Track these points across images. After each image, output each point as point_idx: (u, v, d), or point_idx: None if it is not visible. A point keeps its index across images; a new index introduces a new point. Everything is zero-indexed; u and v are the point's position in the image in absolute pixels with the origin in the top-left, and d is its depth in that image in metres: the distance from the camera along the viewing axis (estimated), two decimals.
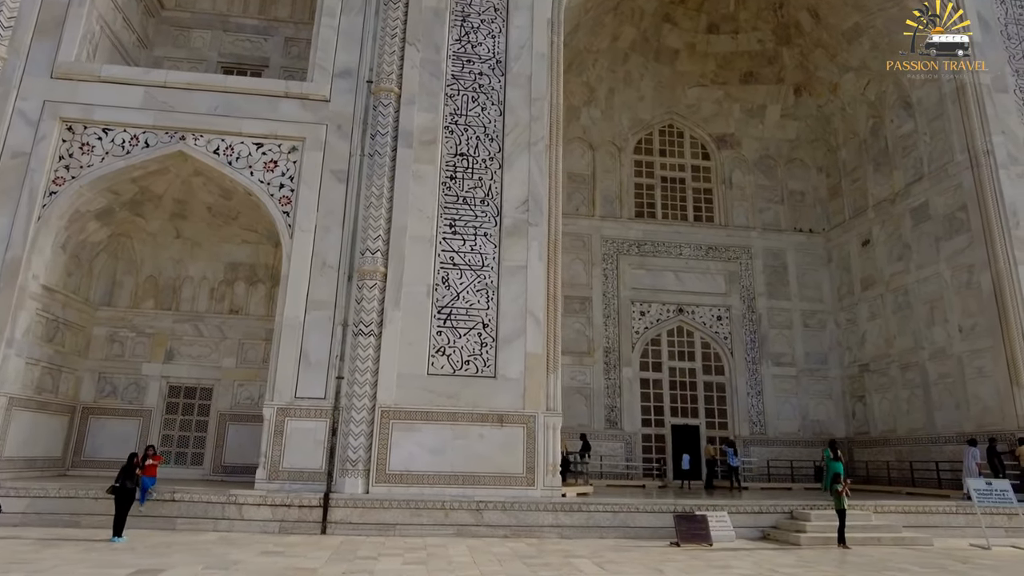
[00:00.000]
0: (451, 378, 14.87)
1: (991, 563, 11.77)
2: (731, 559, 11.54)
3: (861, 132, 23.84)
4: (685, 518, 13.43)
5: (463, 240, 15.77)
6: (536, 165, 16.42)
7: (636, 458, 22.36)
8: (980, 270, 18.59)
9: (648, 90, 25.29)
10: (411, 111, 16.34)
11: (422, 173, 15.97)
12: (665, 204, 25.12)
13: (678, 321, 23.84)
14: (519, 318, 15.34)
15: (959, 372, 19.17)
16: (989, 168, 18.69)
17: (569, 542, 13.25)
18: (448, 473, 14.32)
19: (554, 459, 14.80)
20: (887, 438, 21.70)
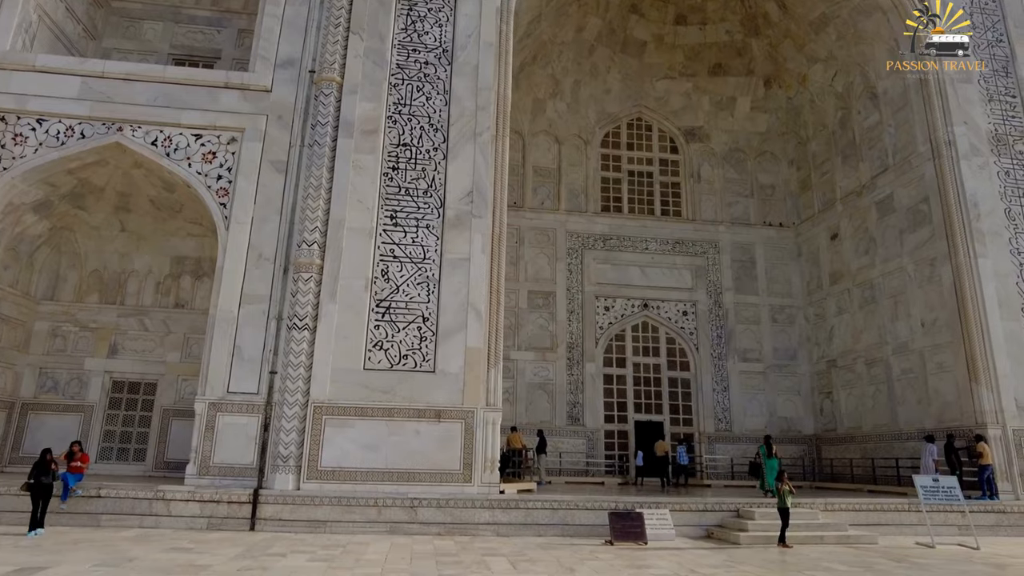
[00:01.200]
0: (388, 373, 14.57)
1: (925, 562, 11.42)
2: (656, 558, 11.21)
3: (830, 124, 23.46)
4: (620, 516, 13.09)
5: (404, 232, 15.46)
6: (481, 156, 16.10)
7: (598, 455, 22.04)
8: (941, 263, 18.21)
9: (615, 83, 24.95)
10: (353, 101, 16.03)
11: (363, 163, 15.66)
12: (632, 198, 24.77)
13: (643, 316, 23.50)
14: (460, 312, 15.03)
15: (921, 367, 18.80)
16: (950, 159, 18.30)
17: (503, 540, 12.94)
18: (382, 470, 14.02)
19: (493, 455, 14.47)
20: (853, 435, 21.33)
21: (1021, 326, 17.34)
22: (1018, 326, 17.31)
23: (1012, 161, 18.71)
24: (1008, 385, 16.77)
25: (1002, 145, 18.80)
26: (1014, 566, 11.23)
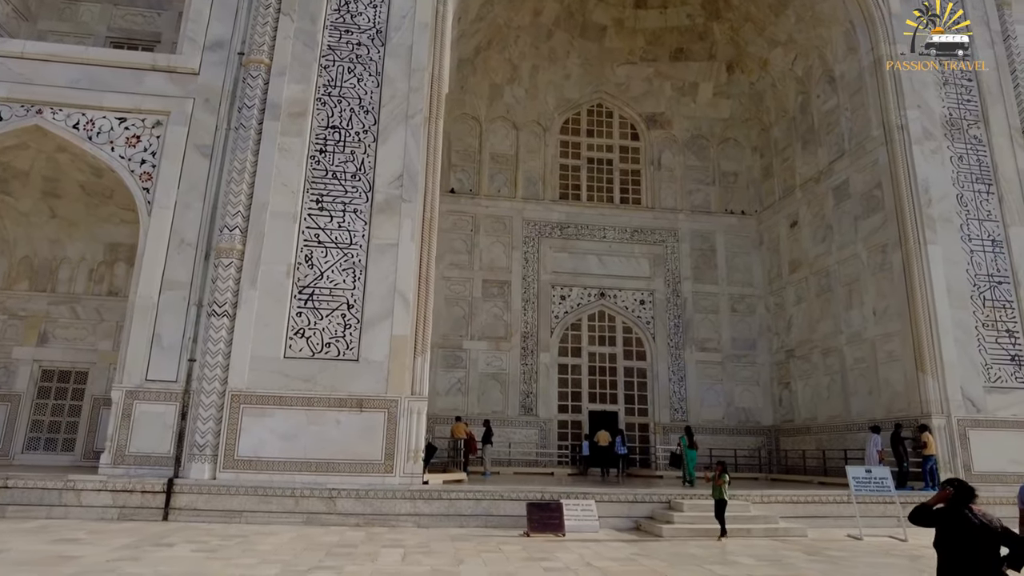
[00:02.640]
0: (310, 361, 14.23)
1: (841, 555, 11.09)
2: (562, 550, 10.89)
3: (791, 109, 23.00)
4: (538, 507, 12.77)
5: (331, 216, 15.10)
6: (413, 138, 15.70)
7: (551, 445, 21.73)
8: (892, 250, 17.81)
9: (575, 68, 24.49)
10: (281, 83, 15.64)
11: (289, 146, 15.29)
12: (591, 186, 24.36)
13: (599, 305, 23.13)
14: (387, 299, 14.67)
15: (872, 357, 18.43)
16: (903, 144, 17.86)
17: (420, 531, 12.63)
18: (300, 460, 13.70)
19: (417, 445, 14.15)
20: (808, 426, 20.98)
21: (970, 314, 16.95)
22: (966, 314, 16.91)
23: (966, 146, 18.26)
24: (954, 374, 16.39)
25: (956, 130, 18.34)
26: (928, 558, 10.86)
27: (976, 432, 16.17)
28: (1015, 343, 17.04)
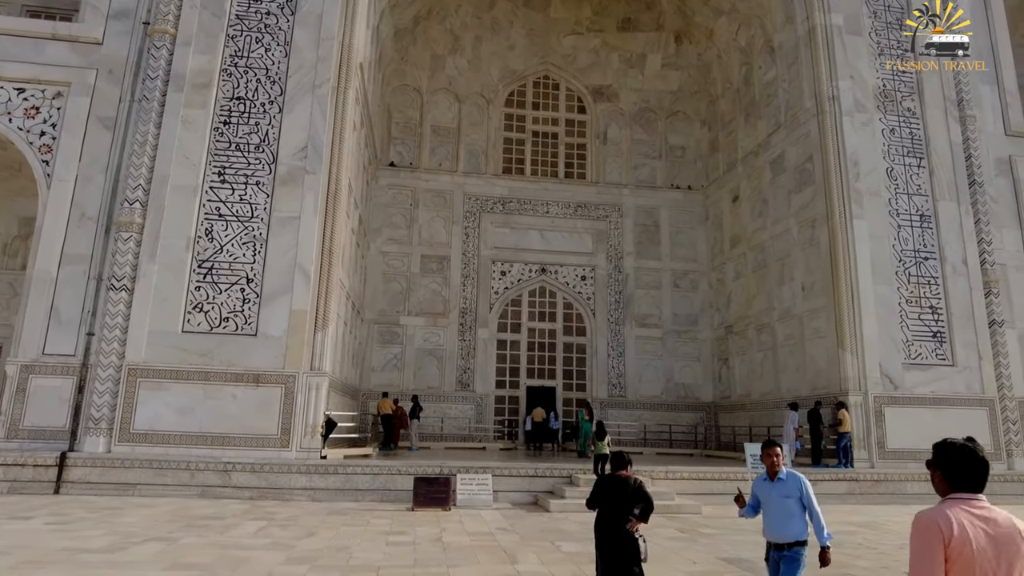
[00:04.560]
0: (208, 336, 14.15)
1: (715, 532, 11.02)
2: (430, 524, 10.85)
3: (735, 81, 22.51)
4: (426, 481, 12.73)
5: (232, 189, 14.89)
6: (319, 109, 15.42)
7: (487, 420, 21.72)
8: (820, 225, 17.53)
9: (519, 38, 24.00)
10: (186, 53, 15.34)
11: (192, 118, 15.04)
12: (535, 160, 24.02)
13: (540, 281, 22.95)
14: (287, 273, 14.53)
15: (800, 333, 18.25)
16: (833, 115, 17.47)
17: (314, 504, 12.66)
18: (196, 433, 13.69)
19: (315, 420, 14.11)
20: (743, 402, 20.88)
21: (894, 290, 16.72)
22: (890, 290, 16.68)
23: (899, 118, 17.84)
24: (874, 351, 16.21)
25: (890, 102, 17.91)
26: None
27: (892, 409, 16.03)
28: (938, 320, 16.81)
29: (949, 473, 2.51)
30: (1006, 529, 2.35)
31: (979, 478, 2.46)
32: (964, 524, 2.33)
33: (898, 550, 9.64)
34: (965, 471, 2.48)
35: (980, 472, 2.46)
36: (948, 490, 2.50)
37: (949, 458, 2.53)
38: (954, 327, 16.75)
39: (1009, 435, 16.33)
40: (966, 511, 2.37)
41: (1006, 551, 2.30)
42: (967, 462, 2.49)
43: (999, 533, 2.34)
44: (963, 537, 2.29)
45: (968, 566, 2.26)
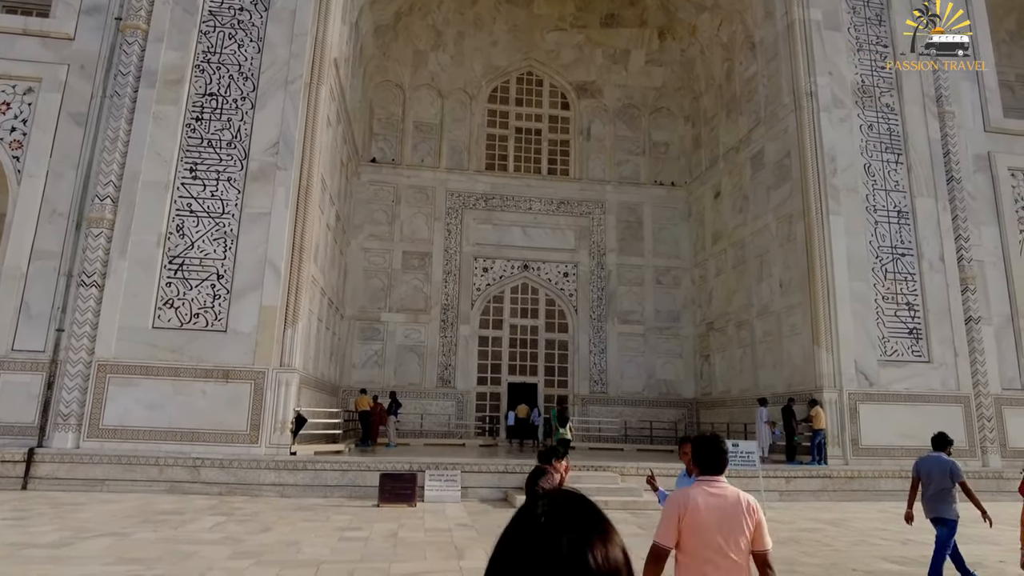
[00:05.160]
0: (178, 332, 14.15)
1: None
2: (391, 520, 10.85)
3: (718, 77, 22.44)
4: (391, 477, 12.73)
5: (204, 185, 14.88)
6: (291, 105, 15.39)
7: (468, 417, 21.72)
8: (797, 221, 17.48)
9: (502, 34, 23.93)
10: (158, 49, 15.31)
11: (164, 114, 15.02)
12: (518, 156, 23.98)
13: (523, 278, 22.92)
14: (257, 269, 14.52)
15: (778, 330, 18.22)
16: (811, 111, 17.40)
17: (284, 500, 12.68)
18: (166, 429, 13.70)
19: (284, 416, 14.11)
20: (723, 399, 20.86)
21: (870, 287, 16.67)
22: (866, 287, 16.63)
23: (877, 114, 17.77)
24: (849, 348, 16.16)
25: (868, 97, 17.84)
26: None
27: (867, 406, 15.99)
28: (914, 316, 16.76)
29: (697, 460, 3.25)
30: (732, 501, 3.08)
31: (717, 464, 3.20)
32: (700, 498, 3.07)
33: (853, 547, 9.62)
34: (707, 460, 3.21)
35: (717, 460, 3.20)
36: (700, 473, 3.23)
37: (696, 449, 3.29)
38: (930, 324, 16.71)
39: (984, 432, 16.28)
40: (704, 489, 3.12)
41: (729, 516, 3.05)
42: (708, 453, 3.22)
43: (727, 504, 3.07)
44: (696, 507, 3.04)
45: (699, 526, 3.04)
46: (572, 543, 0.99)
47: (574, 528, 1.03)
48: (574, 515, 1.07)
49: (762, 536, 3.07)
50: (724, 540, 3.01)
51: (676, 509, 3.09)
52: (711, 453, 3.23)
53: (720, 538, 3.00)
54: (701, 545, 3.02)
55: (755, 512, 3.09)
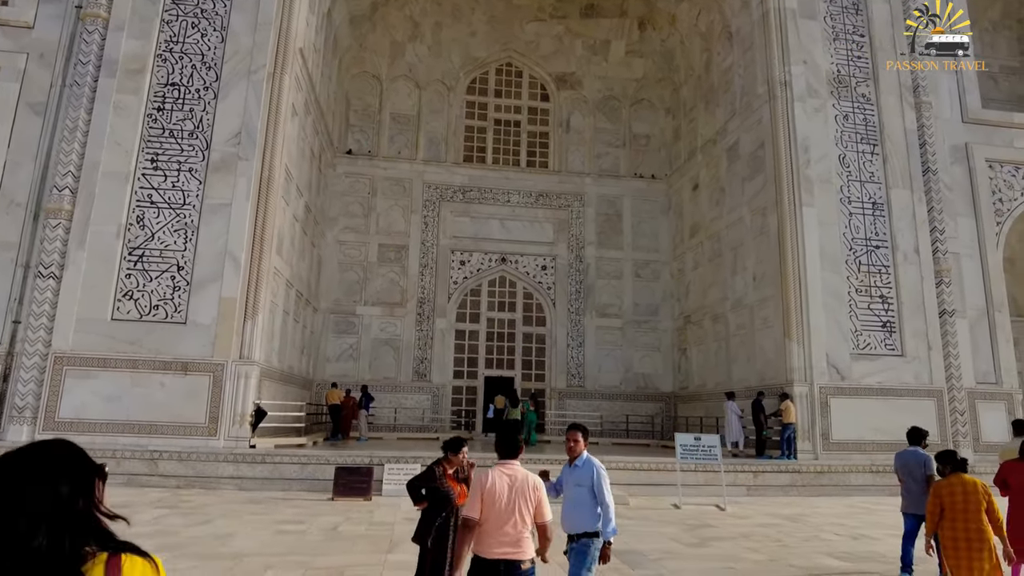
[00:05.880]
0: (137, 324, 14.01)
1: (626, 523, 10.81)
2: (336, 513, 10.70)
3: (697, 67, 22.18)
4: (347, 471, 12.56)
5: (165, 176, 14.71)
6: (254, 95, 15.21)
7: (443, 410, 21.56)
8: (770, 213, 17.24)
9: (481, 25, 23.69)
10: (119, 38, 15.13)
11: (124, 104, 14.84)
12: (497, 148, 23.76)
13: (500, 271, 22.73)
14: (217, 260, 14.37)
15: (750, 323, 18.02)
16: (784, 101, 17.15)
17: (242, 493, 12.53)
18: (123, 421, 13.57)
19: (243, 409, 13.97)
20: (699, 393, 20.68)
21: (843, 279, 16.45)
22: (839, 279, 16.41)
23: (853, 104, 17.52)
24: (820, 341, 15.96)
25: (843, 87, 17.59)
26: (718, 526, 10.62)
27: (838, 400, 15.80)
28: (888, 309, 16.55)
29: (497, 447, 4.05)
30: (520, 480, 3.82)
31: (512, 450, 3.98)
32: (496, 477, 3.81)
33: (803, 542, 9.44)
34: (503, 447, 4.01)
35: (512, 447, 3.99)
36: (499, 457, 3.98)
37: (496, 438, 4.11)
38: (904, 316, 16.49)
39: (956, 426, 16.09)
40: (500, 470, 3.88)
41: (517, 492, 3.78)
42: (505, 441, 4.03)
43: (516, 483, 3.81)
44: (493, 485, 3.78)
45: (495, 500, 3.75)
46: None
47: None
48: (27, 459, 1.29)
49: (541, 510, 3.82)
50: (513, 512, 3.74)
51: (479, 488, 3.79)
52: (507, 442, 4.00)
53: (510, 510, 3.74)
54: (495, 515, 3.73)
55: (537, 491, 3.81)
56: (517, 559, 3.74)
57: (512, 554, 3.73)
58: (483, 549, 3.77)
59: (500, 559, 3.72)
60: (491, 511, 3.74)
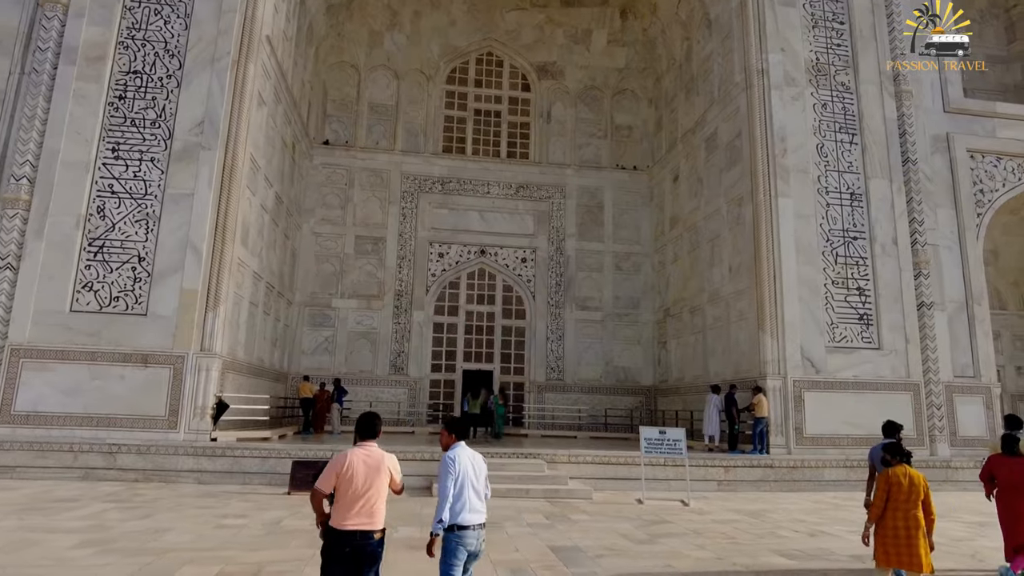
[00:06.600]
0: (96, 315, 13.79)
1: (583, 517, 10.61)
2: (284, 508, 10.52)
3: (678, 57, 21.85)
4: (303, 465, 12.36)
5: (126, 166, 14.47)
6: (218, 83, 14.94)
7: (420, 404, 21.35)
8: (746, 203, 16.96)
9: (460, 14, 23.36)
10: (79, 25, 14.85)
11: (85, 92, 14.58)
12: (477, 139, 23.45)
13: (479, 263, 22.48)
14: (179, 251, 14.13)
15: (726, 316, 17.76)
16: (761, 89, 16.84)
17: (202, 487, 12.39)
18: (81, 415, 13.37)
19: (204, 402, 13.76)
20: (678, 386, 20.45)
21: (819, 271, 16.18)
22: (815, 271, 16.14)
23: (831, 93, 17.21)
24: (795, 333, 15.70)
25: (822, 75, 17.27)
26: (674, 522, 10.40)
27: (812, 394, 15.56)
28: (865, 302, 16.28)
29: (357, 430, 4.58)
30: (376, 460, 4.38)
31: (369, 432, 4.53)
32: (354, 458, 4.33)
33: (757, 539, 9.21)
34: (363, 429, 4.54)
35: (371, 430, 4.55)
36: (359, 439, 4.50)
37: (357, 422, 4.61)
38: (881, 309, 16.23)
39: (933, 420, 15.84)
40: (360, 451, 4.40)
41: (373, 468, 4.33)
42: (365, 425, 4.55)
43: (371, 461, 4.36)
44: (351, 464, 4.29)
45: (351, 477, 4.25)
46: None
47: None
48: None
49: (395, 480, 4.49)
50: (369, 488, 4.28)
51: (335, 466, 4.30)
52: (367, 426, 4.55)
53: (366, 486, 4.27)
54: (352, 491, 4.25)
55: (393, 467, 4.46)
56: (370, 529, 4.28)
57: (366, 524, 4.26)
58: (339, 521, 4.23)
59: (355, 529, 4.23)
60: (348, 487, 4.24)
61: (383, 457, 4.39)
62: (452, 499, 4.45)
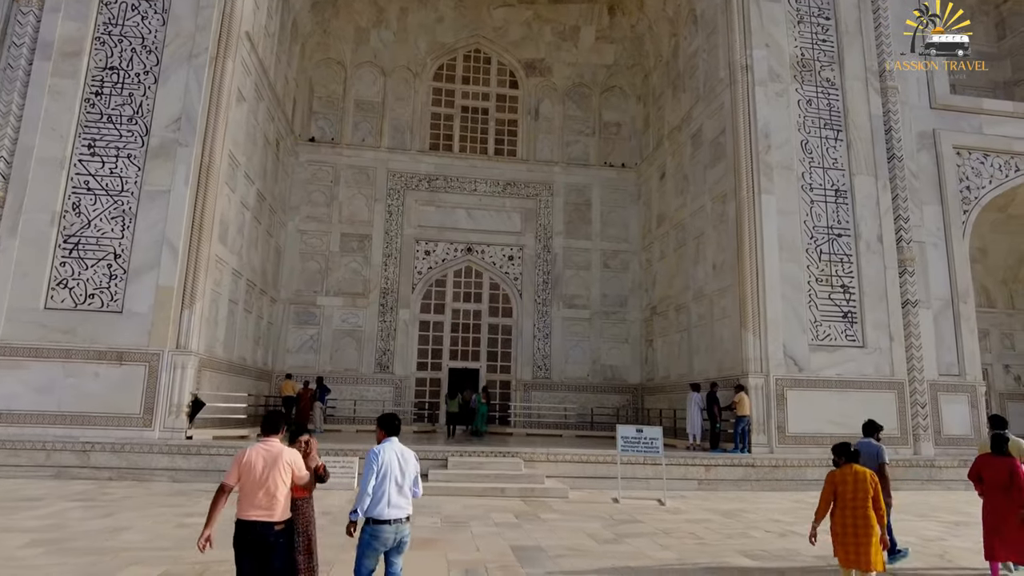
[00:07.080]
0: (71, 313, 13.70)
1: (553, 516, 10.50)
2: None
3: (665, 53, 21.71)
4: None
5: (103, 162, 14.37)
6: (195, 79, 14.83)
7: (407, 403, 21.24)
8: (730, 200, 16.82)
9: (447, 10, 23.23)
10: (55, 20, 14.75)
11: (61, 88, 14.49)
12: (464, 136, 23.33)
13: (466, 261, 22.36)
14: (155, 248, 14.04)
15: (710, 313, 17.64)
16: (745, 85, 16.69)
17: (170, 486, 12.32)
18: (55, 412, 13.28)
19: (180, 400, 13.66)
20: (663, 385, 20.33)
21: (803, 268, 16.05)
22: (799, 269, 16.00)
23: (816, 89, 17.06)
24: (777, 331, 15.57)
25: (807, 71, 17.13)
26: (645, 522, 10.29)
27: (795, 392, 15.42)
28: (849, 300, 16.15)
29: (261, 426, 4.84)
30: (275, 453, 4.58)
31: (272, 429, 4.76)
32: (254, 453, 4.55)
33: (725, 539, 9.10)
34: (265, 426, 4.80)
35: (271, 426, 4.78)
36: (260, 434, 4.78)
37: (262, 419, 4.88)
38: (865, 307, 16.10)
39: (917, 419, 15.70)
40: (260, 446, 4.63)
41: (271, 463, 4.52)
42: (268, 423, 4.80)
43: (270, 455, 4.56)
44: (249, 458, 4.52)
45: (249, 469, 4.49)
46: None
47: None
48: None
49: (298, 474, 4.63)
50: (266, 481, 4.47)
51: (237, 460, 4.53)
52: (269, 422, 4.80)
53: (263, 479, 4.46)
54: (251, 484, 4.47)
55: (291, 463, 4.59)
56: (270, 520, 4.47)
57: (265, 516, 4.45)
58: (242, 512, 4.47)
59: (255, 520, 4.44)
60: (247, 480, 4.48)
61: (282, 451, 4.61)
62: (371, 492, 4.67)
